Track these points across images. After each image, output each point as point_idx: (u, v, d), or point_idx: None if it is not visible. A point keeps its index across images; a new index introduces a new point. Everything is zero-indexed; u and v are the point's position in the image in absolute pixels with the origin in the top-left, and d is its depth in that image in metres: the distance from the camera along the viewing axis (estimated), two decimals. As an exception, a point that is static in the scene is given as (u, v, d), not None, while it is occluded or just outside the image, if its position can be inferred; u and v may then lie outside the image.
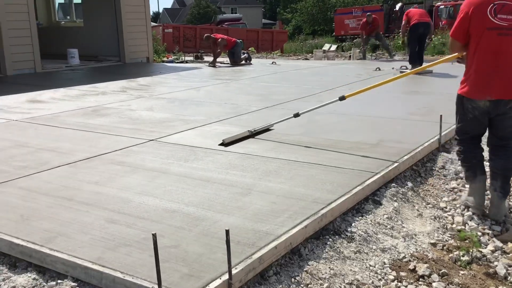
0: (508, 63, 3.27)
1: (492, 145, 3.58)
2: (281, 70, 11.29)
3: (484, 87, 3.33)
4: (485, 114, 3.41)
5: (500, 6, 3.24)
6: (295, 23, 51.72)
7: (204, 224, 2.84)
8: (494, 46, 3.27)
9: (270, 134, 4.93)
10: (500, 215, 3.50)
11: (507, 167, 3.48)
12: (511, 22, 3.23)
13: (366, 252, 2.93)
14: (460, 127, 3.63)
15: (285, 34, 28.79)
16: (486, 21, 3.26)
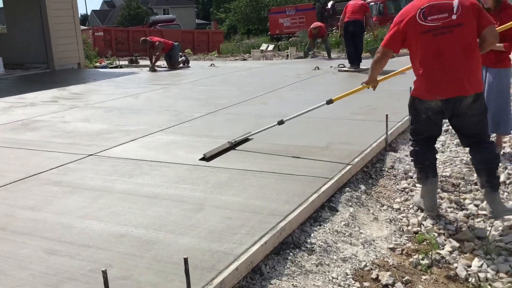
0: (450, 61, 3.26)
1: (467, 145, 3.57)
2: (220, 72, 11.11)
3: (433, 87, 3.32)
4: (439, 113, 3.40)
5: (428, 8, 3.28)
6: (229, 22, 51.67)
7: (156, 248, 2.63)
8: (433, 47, 3.28)
9: (219, 142, 4.75)
10: (498, 212, 3.40)
11: (487, 159, 3.43)
12: (444, 21, 3.24)
13: (327, 263, 2.83)
14: (414, 128, 3.60)
15: (221, 34, 28.63)
16: (418, 26, 3.29)
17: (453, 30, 3.23)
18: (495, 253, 3.10)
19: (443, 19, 3.24)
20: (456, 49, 3.24)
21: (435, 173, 3.60)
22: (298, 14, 28.68)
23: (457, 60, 3.24)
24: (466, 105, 3.29)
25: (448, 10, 3.24)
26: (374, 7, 26.20)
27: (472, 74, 3.26)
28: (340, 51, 18.81)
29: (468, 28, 3.24)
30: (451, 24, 3.23)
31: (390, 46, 3.46)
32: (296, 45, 19.92)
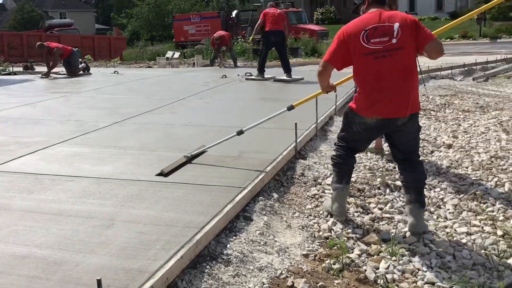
0: (390, 84, 3.28)
1: (398, 160, 3.62)
2: (125, 80, 10.78)
3: (372, 106, 3.34)
4: (372, 129, 3.45)
5: (372, 30, 3.27)
6: (131, 28, 50.47)
7: (64, 269, 2.46)
8: (373, 70, 3.30)
9: (128, 153, 4.57)
10: (420, 226, 3.50)
11: (418, 178, 3.52)
12: (385, 44, 3.24)
13: (244, 274, 2.81)
14: (342, 136, 3.64)
15: (124, 40, 27.82)
16: (361, 48, 3.28)
17: (392, 53, 3.25)
18: (400, 254, 3.27)
19: (384, 43, 3.24)
20: (395, 72, 3.27)
21: (349, 181, 3.71)
22: (203, 22, 28.76)
23: (396, 82, 3.28)
24: (402, 123, 3.36)
25: (389, 33, 3.24)
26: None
27: (410, 96, 3.31)
28: (245, 60, 19.11)
29: (407, 52, 3.27)
30: (392, 47, 3.24)
31: (331, 62, 3.43)
32: (202, 53, 19.91)
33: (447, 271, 3.08)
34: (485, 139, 5.86)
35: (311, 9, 46.70)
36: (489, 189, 4.30)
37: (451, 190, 4.34)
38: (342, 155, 3.62)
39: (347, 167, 3.65)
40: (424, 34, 3.27)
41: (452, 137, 6.03)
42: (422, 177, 3.55)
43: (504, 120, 6.81)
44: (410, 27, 3.26)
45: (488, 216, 3.81)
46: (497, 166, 4.87)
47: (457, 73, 12.84)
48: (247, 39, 24.44)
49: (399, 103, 3.29)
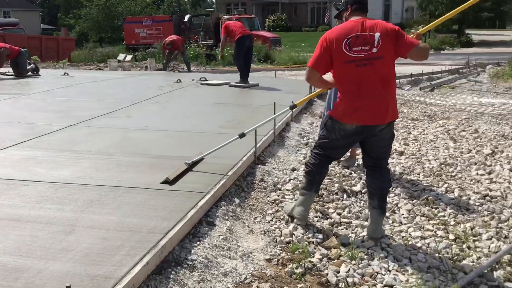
0: (370, 91, 3.36)
1: (368, 166, 3.69)
2: (76, 82, 10.50)
3: (352, 113, 3.41)
4: (350, 136, 3.52)
5: (354, 38, 3.33)
6: (79, 29, 49.17)
7: (26, 277, 2.38)
8: (354, 77, 3.37)
9: (85, 157, 4.47)
10: (379, 232, 3.61)
11: (383, 186, 3.63)
12: (366, 53, 3.32)
13: (209, 279, 2.82)
14: (321, 143, 3.67)
15: (72, 41, 27.02)
16: (343, 56, 3.34)
17: (372, 62, 3.33)
18: (359, 258, 3.36)
19: (365, 52, 3.32)
20: (375, 80, 3.35)
21: (318, 189, 3.81)
22: (155, 25, 28.38)
23: (376, 90, 3.35)
24: (379, 130, 3.45)
25: (370, 42, 3.32)
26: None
27: (389, 104, 3.39)
28: (198, 64, 19.06)
29: (386, 61, 3.36)
30: (372, 56, 3.32)
31: (315, 67, 3.45)
32: (155, 56, 19.68)
33: (404, 274, 3.20)
34: (434, 147, 6.11)
35: (262, 16, 47.16)
36: (440, 195, 4.49)
37: (404, 196, 4.50)
38: (318, 164, 3.67)
39: (319, 177, 3.73)
40: (405, 42, 3.36)
41: (404, 144, 6.26)
42: (387, 185, 3.68)
43: (451, 129, 7.14)
44: (390, 36, 3.35)
45: (440, 220, 3.98)
46: (447, 172, 5.10)
47: (404, 82, 13.31)
48: (200, 44, 24.40)
49: (379, 110, 3.38)
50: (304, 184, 3.75)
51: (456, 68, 16.12)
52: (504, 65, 16.70)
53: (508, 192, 4.50)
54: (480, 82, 13.93)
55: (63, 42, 25.23)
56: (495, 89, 12.68)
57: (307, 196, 3.72)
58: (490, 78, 14.68)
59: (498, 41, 36.37)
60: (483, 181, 4.84)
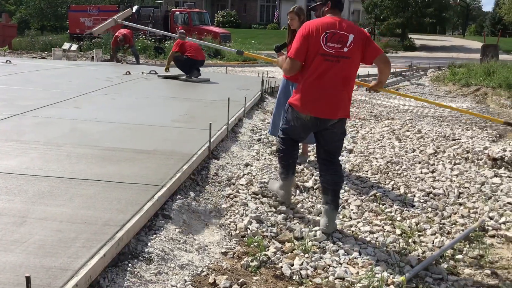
0: (330, 86, 3.55)
1: (321, 160, 3.84)
2: (20, 71, 10.08)
3: (308, 103, 3.60)
4: (306, 126, 3.71)
5: (331, 34, 3.52)
6: (20, 16, 47.14)
7: (-24, 269, 2.30)
8: (321, 70, 3.54)
9: (33, 148, 4.32)
10: (331, 227, 3.72)
11: (336, 181, 3.79)
12: (337, 50, 3.52)
13: (166, 272, 2.82)
14: (283, 128, 3.90)
15: (14, 28, 25.83)
16: (319, 47, 3.52)
17: (340, 60, 3.52)
18: (312, 252, 3.45)
19: (337, 49, 3.51)
20: (337, 77, 3.54)
21: (294, 171, 4.11)
22: (101, 15, 27.62)
23: (336, 87, 3.55)
24: (331, 124, 3.65)
25: (344, 41, 3.52)
26: (179, 16, 26.80)
27: (343, 102, 3.62)
28: (147, 57, 18.76)
29: (352, 62, 3.58)
30: (341, 55, 3.52)
31: (297, 58, 3.60)
32: (101, 47, 19.18)
33: (355, 267, 3.31)
34: (381, 146, 6.33)
35: (212, 11, 46.93)
36: (387, 192, 4.67)
37: (354, 192, 4.64)
38: (286, 148, 3.91)
39: (292, 160, 4.00)
40: (374, 48, 3.62)
41: (352, 142, 6.44)
42: (340, 180, 3.86)
43: (396, 129, 7.41)
44: (362, 41, 3.58)
45: (387, 216, 4.14)
46: (393, 170, 5.30)
47: (352, 83, 13.65)
48: (148, 36, 24.00)
49: (332, 106, 3.58)
50: (281, 170, 4.02)
51: (399, 71, 16.72)
52: (444, 69, 17.49)
53: (450, 190, 4.73)
54: (422, 85, 14.51)
55: (4, 29, 24.09)
56: (436, 92, 13.26)
57: (287, 180, 4.02)
58: (432, 81, 15.33)
59: (439, 46, 38.00)
60: (426, 179, 5.07)
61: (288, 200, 4.13)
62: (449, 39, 50.00)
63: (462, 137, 6.96)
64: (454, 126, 7.93)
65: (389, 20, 35.16)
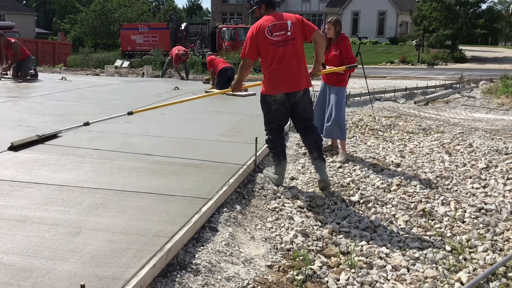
0: (288, 65, 4.35)
1: (300, 129, 4.65)
2: (74, 87, 10.53)
3: (276, 85, 4.40)
4: (283, 104, 4.45)
5: (272, 27, 4.35)
6: (74, 34, 49.23)
7: (35, 276, 2.42)
8: (277, 55, 4.34)
9: (87, 161, 4.51)
10: (327, 179, 4.59)
11: (317, 140, 4.61)
12: (283, 36, 4.35)
13: (212, 283, 2.87)
14: (267, 119, 4.59)
15: (69, 46, 27.11)
16: (267, 40, 4.34)
17: (288, 43, 4.35)
18: (358, 267, 3.42)
19: (283, 35, 4.35)
20: (291, 57, 4.37)
21: (285, 157, 4.74)
22: (152, 32, 28.55)
23: (292, 64, 4.37)
24: (300, 96, 4.45)
25: (285, 28, 4.36)
26: (226, 32, 27.24)
27: (303, 75, 4.44)
28: (194, 72, 19.13)
29: (298, 41, 4.39)
30: (288, 38, 4.35)
31: (249, 56, 4.44)
32: (151, 63, 19.74)
33: (403, 283, 3.25)
34: (430, 160, 6.20)
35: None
36: (436, 207, 4.56)
37: (401, 207, 4.57)
38: (274, 137, 4.60)
39: (281, 147, 4.66)
40: (309, 26, 4.46)
41: (400, 156, 6.34)
42: (319, 138, 4.70)
43: (445, 142, 7.23)
44: (298, 23, 4.42)
45: (437, 232, 4.05)
46: (443, 185, 5.18)
47: (399, 96, 13.45)
48: (196, 52, 24.50)
49: (295, 80, 4.39)
50: (273, 157, 4.71)
51: (449, 83, 16.32)
52: (496, 81, 16.93)
53: (502, 206, 4.58)
54: (474, 97, 14.10)
55: (60, 47, 25.29)
56: (488, 104, 12.86)
57: (280, 166, 4.66)
58: (483, 93, 14.87)
59: (491, 57, 36.87)
60: (478, 194, 4.92)
61: (281, 183, 4.71)
62: (501, 50, 48.45)
63: (515, 151, 6.72)
64: (507, 139, 7.67)
65: (438, 31, 34.44)
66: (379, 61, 31.92)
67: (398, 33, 46.38)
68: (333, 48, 5.80)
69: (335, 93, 5.83)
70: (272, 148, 4.64)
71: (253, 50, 4.40)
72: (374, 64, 30.37)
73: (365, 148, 6.77)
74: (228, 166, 4.52)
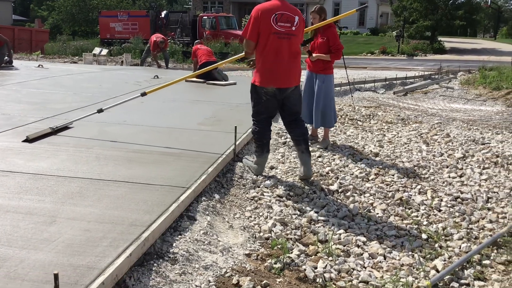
0: (283, 60, 4.23)
1: (288, 122, 4.59)
2: (52, 75, 10.34)
3: (269, 78, 4.29)
4: (274, 97, 4.37)
5: (280, 15, 4.17)
6: (52, 21, 48.32)
7: (8, 265, 2.38)
8: (275, 46, 4.20)
9: (63, 150, 4.44)
10: (310, 172, 4.60)
11: (304, 132, 4.59)
12: (287, 29, 4.21)
13: (190, 272, 2.85)
14: (256, 110, 4.49)
15: (46, 33, 26.54)
16: (271, 27, 4.15)
17: (290, 37, 4.24)
18: (336, 255, 3.44)
19: (287, 28, 4.21)
20: (288, 52, 4.25)
21: (269, 149, 4.69)
22: (131, 20, 28.13)
23: (288, 60, 4.26)
24: (291, 90, 4.40)
25: (291, 21, 4.23)
26: (207, 21, 27.02)
27: (296, 72, 4.41)
28: (175, 61, 18.97)
29: (298, 39, 4.36)
30: (291, 33, 4.23)
31: (250, 38, 4.23)
32: (130, 51, 19.50)
33: (379, 271, 3.29)
34: (408, 149, 6.26)
35: (239, 15, 47.15)
36: (413, 196, 4.62)
37: (379, 196, 4.61)
38: (261, 129, 4.52)
39: (266, 139, 4.60)
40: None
41: (379, 146, 6.39)
42: (306, 131, 4.67)
43: (423, 133, 7.31)
44: (302, 23, 4.37)
45: (413, 220, 4.10)
46: (420, 174, 5.24)
47: (379, 86, 13.53)
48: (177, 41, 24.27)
49: (288, 76, 4.32)
50: (257, 148, 4.63)
51: (428, 74, 16.48)
52: (474, 72, 17.15)
53: (478, 195, 4.65)
54: (452, 88, 14.27)
55: (37, 34, 24.77)
56: (466, 95, 13.02)
57: (262, 157, 4.62)
58: (461, 84, 15.05)
59: (469, 49, 37.31)
60: (454, 183, 4.99)
61: (261, 172, 4.69)
62: (480, 41, 49.06)
63: (492, 141, 6.83)
64: (484, 130, 7.79)
65: (418, 22, 34.69)
66: (360, 52, 32.06)
67: (378, 24, 46.59)
68: (320, 35, 5.80)
69: (322, 81, 5.91)
70: (257, 140, 4.57)
71: (254, 32, 4.20)
72: (354, 54, 30.50)
73: (345, 137, 6.80)
74: (207, 155, 4.50)
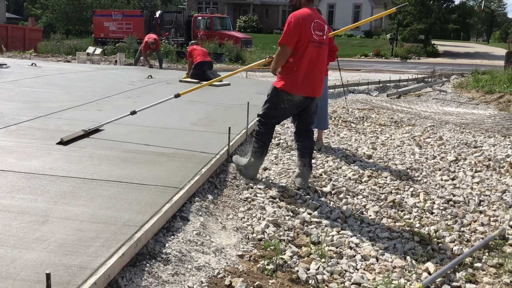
0: (315, 69, 4.19)
1: (301, 130, 4.52)
2: (45, 74, 10.29)
3: (300, 85, 4.17)
4: (296, 106, 4.29)
5: (316, 24, 4.14)
6: (46, 20, 48.15)
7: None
8: (310, 55, 4.13)
9: (56, 148, 4.42)
10: (306, 184, 4.53)
11: (312, 146, 4.57)
12: (320, 38, 4.18)
13: (183, 273, 2.85)
14: (268, 113, 4.38)
15: (40, 32, 26.39)
16: (310, 34, 4.09)
17: (322, 46, 4.22)
18: (328, 256, 3.45)
19: (320, 36, 4.18)
20: (320, 61, 4.23)
21: (267, 153, 4.62)
22: (125, 19, 28.08)
23: (319, 69, 4.24)
24: (313, 100, 4.33)
25: (323, 30, 4.21)
26: (201, 21, 27.01)
27: (322, 82, 4.37)
28: (169, 61, 18.94)
29: (327, 48, 4.38)
30: (323, 41, 4.21)
31: (288, 42, 4.07)
32: (125, 51, 19.45)
33: (371, 273, 3.30)
34: (400, 152, 6.29)
35: (234, 16, 47.19)
36: (406, 198, 4.64)
37: (372, 198, 4.62)
38: (266, 131, 4.44)
39: (269, 141, 4.56)
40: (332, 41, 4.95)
41: (372, 148, 6.41)
42: (313, 144, 4.68)
43: (416, 135, 7.35)
44: (329, 32, 4.41)
45: (406, 223, 4.11)
46: (413, 177, 5.26)
47: (373, 88, 13.59)
48: (171, 41, 24.24)
49: (319, 86, 4.31)
50: (256, 149, 4.48)
51: (422, 77, 16.56)
52: (467, 76, 17.26)
53: (470, 198, 4.68)
54: (445, 91, 14.35)
55: (30, 32, 24.64)
56: (458, 98, 13.10)
57: (259, 159, 4.52)
58: (454, 88, 15.14)
59: (462, 52, 37.52)
60: (447, 186, 5.02)
61: (255, 177, 4.61)
62: (473, 45, 49.37)
63: (484, 144, 6.87)
64: (476, 133, 7.83)
65: (412, 26, 34.86)
66: (354, 54, 32.16)
67: (373, 26, 46.77)
68: None
69: None
70: (260, 141, 4.45)
71: (294, 37, 4.04)
72: (348, 56, 30.59)
73: (338, 139, 6.82)
74: (201, 156, 4.49)
